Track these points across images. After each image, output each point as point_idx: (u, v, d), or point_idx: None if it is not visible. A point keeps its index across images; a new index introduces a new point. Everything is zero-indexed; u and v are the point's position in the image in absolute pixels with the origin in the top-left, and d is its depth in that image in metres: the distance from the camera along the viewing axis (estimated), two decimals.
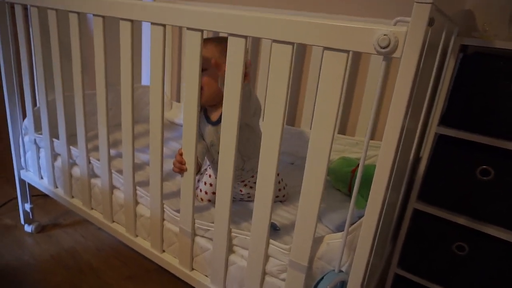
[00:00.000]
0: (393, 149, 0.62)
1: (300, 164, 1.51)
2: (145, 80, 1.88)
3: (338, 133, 1.48)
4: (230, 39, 0.73)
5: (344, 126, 1.51)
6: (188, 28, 0.79)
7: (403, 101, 0.59)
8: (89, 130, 1.23)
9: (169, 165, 1.35)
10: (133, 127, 1.00)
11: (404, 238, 1.15)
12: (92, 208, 1.24)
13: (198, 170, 0.97)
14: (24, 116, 1.38)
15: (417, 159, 1.12)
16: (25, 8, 1.19)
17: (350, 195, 1.27)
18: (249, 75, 0.77)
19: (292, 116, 1.59)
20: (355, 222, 0.78)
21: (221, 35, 0.88)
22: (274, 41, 0.68)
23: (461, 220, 1.04)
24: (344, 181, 1.31)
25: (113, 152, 1.33)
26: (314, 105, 0.68)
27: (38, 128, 1.33)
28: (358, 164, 1.29)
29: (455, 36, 1.06)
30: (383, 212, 0.72)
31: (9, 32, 1.28)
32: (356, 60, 1.40)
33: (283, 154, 1.52)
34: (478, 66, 0.97)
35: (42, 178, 1.40)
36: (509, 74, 0.93)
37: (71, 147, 1.23)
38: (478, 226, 1.02)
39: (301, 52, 1.50)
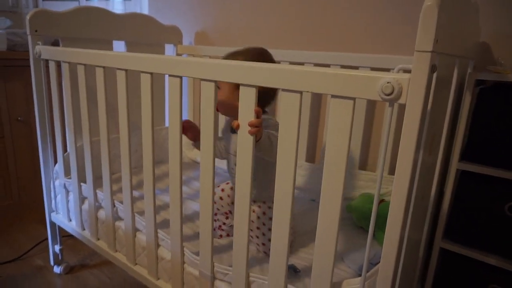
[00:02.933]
0: (406, 187, 0.61)
1: None
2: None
3: (359, 168, 1.46)
4: (241, 88, 0.77)
5: (364, 162, 1.49)
6: (202, 79, 0.83)
7: (411, 144, 0.59)
8: (116, 171, 1.28)
9: (190, 205, 1.38)
10: (153, 173, 1.04)
11: (433, 280, 1.10)
12: (116, 251, 1.27)
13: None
14: (55, 161, 1.46)
15: (440, 196, 1.08)
16: (58, 63, 1.29)
17: (374, 233, 1.24)
18: (261, 126, 0.79)
19: (311, 153, 1.60)
20: (378, 263, 0.76)
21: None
22: (283, 90, 0.71)
23: (492, 260, 0.99)
24: (367, 219, 1.27)
25: (138, 193, 1.37)
26: (325, 149, 0.69)
27: (67, 172, 1.40)
28: (382, 200, 1.26)
29: (471, 70, 1.06)
30: (402, 251, 0.70)
31: (43, 85, 1.38)
32: None
33: (303, 191, 1.52)
34: (496, 98, 0.96)
35: (70, 220, 1.46)
36: None
37: (97, 190, 1.28)
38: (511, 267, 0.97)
39: None
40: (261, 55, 1.00)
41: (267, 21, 1.64)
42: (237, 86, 0.89)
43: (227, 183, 1.19)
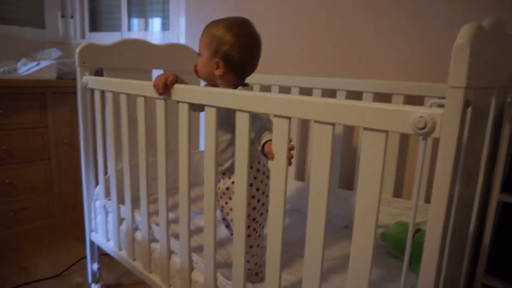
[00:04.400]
0: (441, 220, 0.60)
1: None
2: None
3: (394, 196, 1.44)
4: (275, 119, 0.79)
5: (399, 189, 1.46)
6: (238, 110, 0.86)
7: (446, 178, 0.58)
8: (153, 193, 1.33)
9: (224, 229, 1.40)
10: (189, 198, 1.08)
11: None
12: (151, 272, 1.31)
13: None
14: (97, 183, 1.54)
15: (481, 229, 1.04)
16: (102, 92, 1.38)
17: (410, 263, 1.20)
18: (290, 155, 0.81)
19: (345, 178, 1.59)
20: None
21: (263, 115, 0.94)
22: (316, 121, 0.73)
23: None
24: (402, 248, 1.24)
25: (174, 215, 1.41)
26: (358, 179, 0.69)
27: (107, 194, 1.47)
28: (418, 230, 1.23)
29: (510, 99, 1.03)
30: (440, 286, 0.68)
31: (88, 112, 1.47)
32: None
33: (337, 217, 1.50)
34: None
35: (108, 240, 1.51)
36: None
37: (135, 212, 1.34)
38: None
39: None
40: (240, 24, 1.01)
41: (299, 48, 1.68)
42: (214, 55, 1.00)
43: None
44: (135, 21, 2.60)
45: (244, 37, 1.00)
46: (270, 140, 0.82)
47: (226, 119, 1.02)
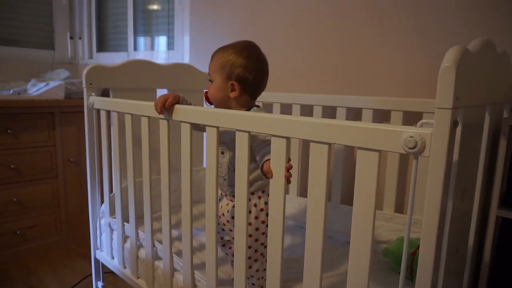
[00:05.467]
0: (434, 237, 0.61)
1: None
2: None
3: (395, 211, 1.44)
4: (273, 139, 0.82)
5: (401, 204, 1.47)
6: (238, 130, 0.89)
7: (436, 196, 0.60)
8: (157, 210, 1.35)
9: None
10: (191, 216, 1.09)
11: None
12: None
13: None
14: (102, 201, 1.57)
15: (481, 245, 1.04)
16: (108, 112, 1.42)
17: (412, 279, 1.20)
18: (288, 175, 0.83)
19: (347, 194, 1.60)
20: None
21: (262, 136, 0.97)
22: (312, 141, 0.75)
23: None
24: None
25: (177, 233, 1.42)
26: (354, 197, 0.71)
27: (112, 212, 1.49)
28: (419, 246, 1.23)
29: (507, 114, 1.05)
30: None
31: (94, 131, 1.51)
32: None
33: (338, 233, 1.50)
34: None
35: (113, 258, 1.53)
36: None
37: (139, 230, 1.36)
38: None
39: None
40: (248, 47, 1.07)
41: (301, 66, 1.71)
42: (228, 78, 1.04)
43: (227, 204, 1.16)
44: (142, 41, 2.67)
45: (254, 58, 1.07)
46: (269, 159, 0.85)
47: None
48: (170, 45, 2.47)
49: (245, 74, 1.04)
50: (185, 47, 2.26)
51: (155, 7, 2.57)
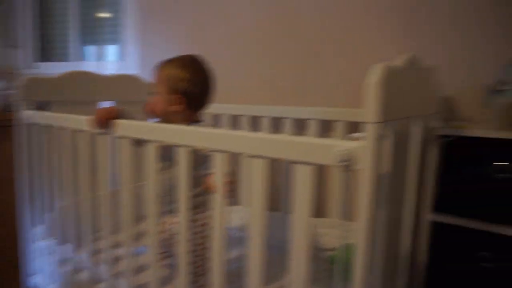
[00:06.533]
0: (364, 246, 0.63)
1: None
2: None
3: (341, 218, 1.48)
4: (216, 154, 0.81)
5: (348, 211, 1.51)
6: (179, 145, 0.88)
7: (367, 208, 0.63)
8: (98, 230, 1.28)
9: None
10: (131, 236, 1.05)
11: None
12: None
13: None
14: (38, 222, 1.46)
15: (415, 248, 1.10)
16: (45, 127, 1.34)
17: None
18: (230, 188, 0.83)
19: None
20: None
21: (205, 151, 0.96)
22: (250, 155, 0.75)
23: None
24: (349, 270, 1.28)
25: (121, 251, 1.36)
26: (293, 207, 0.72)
27: (49, 234, 1.40)
28: None
29: (437, 124, 1.12)
30: None
31: (27, 147, 1.42)
32: None
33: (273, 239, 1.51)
34: (459, 151, 1.01)
35: (50, 283, 1.43)
36: (489, 159, 0.96)
37: (77, 253, 1.28)
38: None
39: None
40: (194, 61, 1.07)
41: (249, 77, 1.73)
42: (172, 92, 1.02)
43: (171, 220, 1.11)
44: (90, 50, 2.55)
45: (199, 72, 1.06)
46: (212, 174, 0.84)
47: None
48: (121, 56, 2.39)
49: (190, 88, 1.03)
50: (134, 57, 2.20)
51: (103, 15, 2.48)
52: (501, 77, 0.97)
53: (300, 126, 1.55)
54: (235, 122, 1.68)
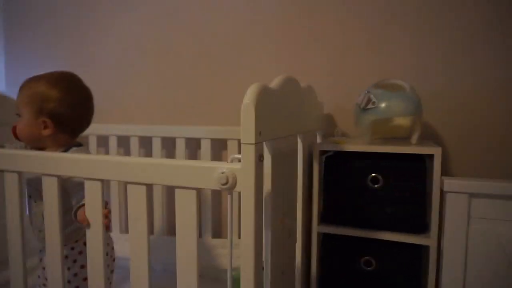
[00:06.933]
0: (251, 265, 0.62)
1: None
2: None
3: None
4: (87, 183, 0.72)
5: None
6: (45, 175, 0.76)
7: (250, 228, 0.61)
8: None
9: None
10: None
11: None
12: None
13: None
14: None
15: (309, 259, 1.14)
16: None
17: None
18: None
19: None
20: None
21: (75, 179, 0.84)
22: (128, 182, 0.69)
23: None
24: None
25: None
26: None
27: None
28: None
29: (320, 140, 1.19)
30: None
31: None
32: None
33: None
34: (338, 165, 1.09)
35: None
36: (363, 171, 1.05)
37: None
38: None
39: None
40: (64, 78, 0.96)
41: (139, 96, 1.64)
42: (38, 114, 0.90)
43: None
44: None
45: (73, 91, 0.94)
46: (83, 205, 0.75)
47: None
48: None
49: (60, 109, 0.91)
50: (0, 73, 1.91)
51: None
52: (366, 97, 1.08)
53: (193, 146, 1.52)
54: (123, 143, 1.57)
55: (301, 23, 1.39)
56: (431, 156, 1.00)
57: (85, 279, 0.86)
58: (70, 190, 0.84)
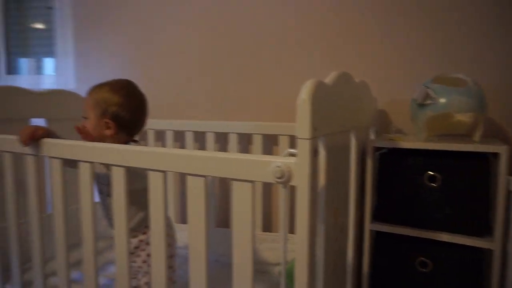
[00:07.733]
0: (306, 257, 0.64)
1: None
2: None
3: (291, 232, 1.49)
4: (149, 174, 0.78)
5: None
6: (114, 165, 0.83)
7: (304, 221, 0.63)
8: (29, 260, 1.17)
9: None
10: (67, 263, 0.98)
11: None
12: None
13: None
14: None
15: (360, 256, 1.13)
16: None
17: None
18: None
19: (222, 216, 1.59)
20: None
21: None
22: (188, 174, 0.73)
23: None
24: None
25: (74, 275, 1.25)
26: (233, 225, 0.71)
27: None
28: None
29: (373, 136, 1.17)
30: None
31: None
32: None
33: (223, 256, 1.47)
34: (393, 163, 1.06)
35: None
36: (420, 169, 1.02)
37: (7, 285, 1.16)
38: None
39: None
40: (125, 86, 1.06)
41: (193, 93, 1.71)
42: (102, 116, 1.00)
43: None
44: (24, 63, 2.38)
45: (131, 97, 1.05)
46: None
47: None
48: (57, 69, 2.25)
49: (121, 112, 1.02)
50: (71, 71, 2.08)
51: (35, 26, 2.33)
52: (424, 92, 1.03)
53: (245, 141, 1.55)
54: (179, 138, 1.65)
55: (354, 18, 1.37)
56: (495, 155, 0.94)
57: None
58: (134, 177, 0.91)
